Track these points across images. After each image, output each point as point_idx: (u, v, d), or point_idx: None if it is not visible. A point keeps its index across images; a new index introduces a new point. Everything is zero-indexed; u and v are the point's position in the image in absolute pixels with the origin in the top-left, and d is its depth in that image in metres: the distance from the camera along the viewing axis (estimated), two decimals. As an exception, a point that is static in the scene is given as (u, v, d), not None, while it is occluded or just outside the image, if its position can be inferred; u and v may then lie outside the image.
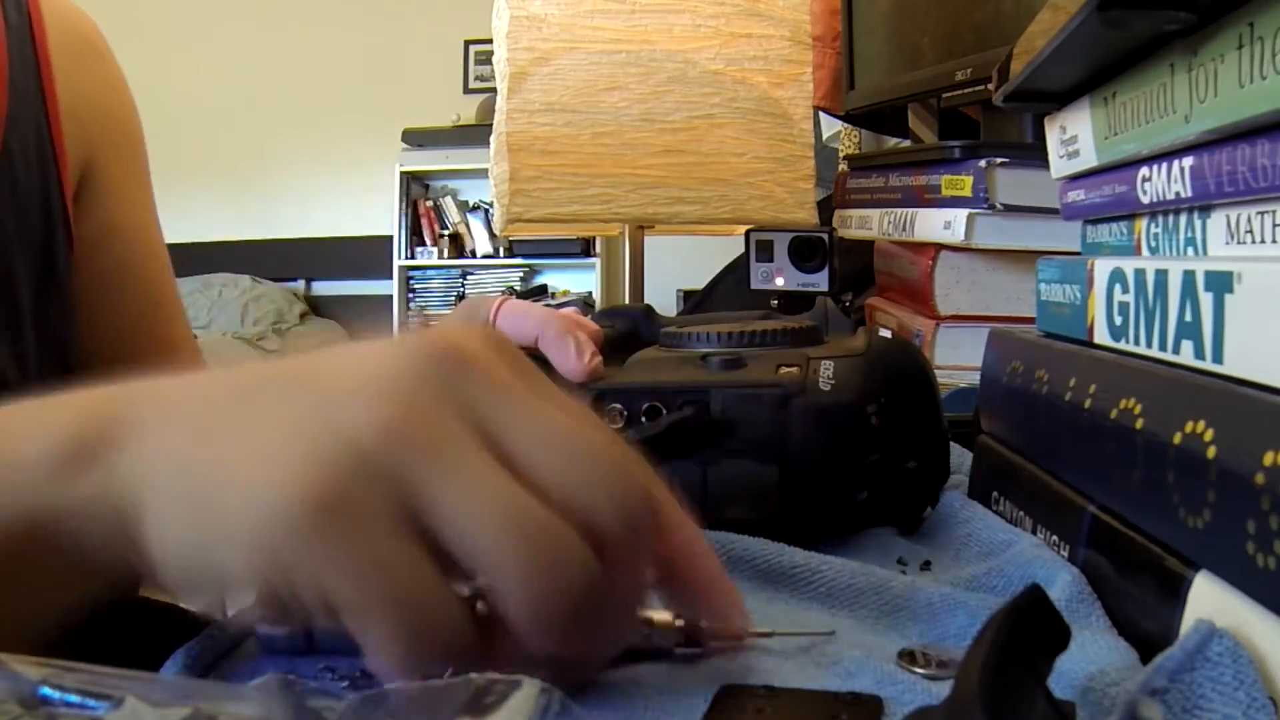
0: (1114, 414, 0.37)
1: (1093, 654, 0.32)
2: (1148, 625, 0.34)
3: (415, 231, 4.41)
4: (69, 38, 0.68)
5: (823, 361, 0.47)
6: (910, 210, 0.94)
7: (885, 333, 0.52)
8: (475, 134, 3.55)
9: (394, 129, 4.22)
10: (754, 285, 1.06)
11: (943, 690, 0.30)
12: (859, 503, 0.47)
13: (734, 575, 0.44)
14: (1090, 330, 0.43)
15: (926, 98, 1.18)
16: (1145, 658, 0.32)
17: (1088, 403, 0.39)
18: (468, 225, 4.41)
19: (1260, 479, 0.27)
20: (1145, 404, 0.35)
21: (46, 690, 0.25)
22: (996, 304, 0.89)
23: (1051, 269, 0.48)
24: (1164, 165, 0.37)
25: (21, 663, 0.25)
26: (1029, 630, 0.26)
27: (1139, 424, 0.35)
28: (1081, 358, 0.42)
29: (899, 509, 0.49)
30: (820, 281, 1.03)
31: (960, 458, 0.59)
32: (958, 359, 0.89)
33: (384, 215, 4.36)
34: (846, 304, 1.32)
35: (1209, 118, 0.33)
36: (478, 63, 4.41)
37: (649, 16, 1.19)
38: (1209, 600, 0.30)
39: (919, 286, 0.93)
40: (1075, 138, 0.46)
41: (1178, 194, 0.36)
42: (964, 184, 0.86)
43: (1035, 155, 0.78)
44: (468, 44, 4.41)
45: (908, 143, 1.33)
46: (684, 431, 0.46)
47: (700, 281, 1.64)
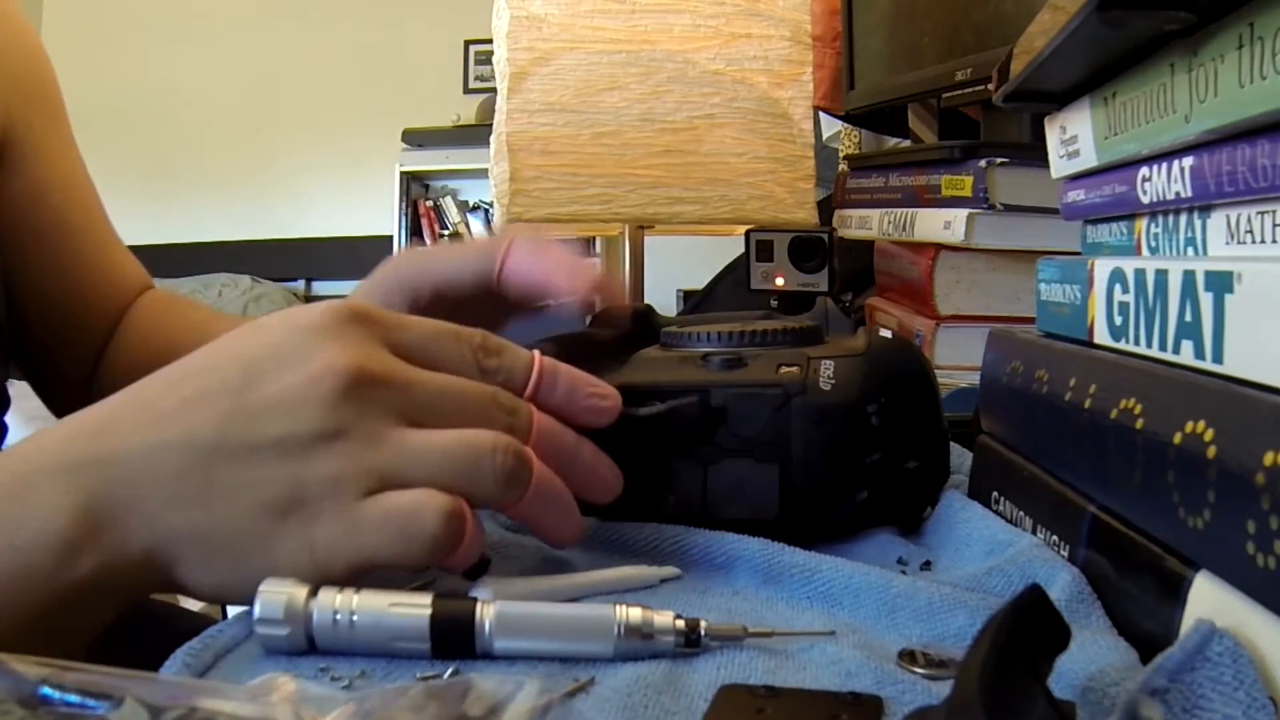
0: (1114, 414, 0.37)
1: (1093, 654, 0.32)
2: (1148, 625, 0.34)
3: (415, 231, 4.41)
4: None
5: (823, 361, 0.47)
6: (910, 210, 0.94)
7: (885, 333, 0.52)
8: (475, 134, 3.56)
9: (394, 129, 4.22)
10: (754, 285, 1.06)
11: (943, 690, 0.30)
12: (859, 503, 0.47)
13: (734, 575, 0.44)
14: (1090, 330, 0.43)
15: (926, 98, 1.18)
16: (1145, 658, 0.32)
17: (1088, 403, 0.39)
18: (468, 225, 4.41)
19: (1260, 479, 0.27)
20: (1145, 404, 0.35)
21: (46, 690, 0.25)
22: (996, 304, 0.89)
23: (1051, 269, 0.48)
24: (1164, 165, 0.37)
25: (21, 663, 0.25)
26: (1029, 630, 0.26)
27: (1139, 424, 0.35)
28: (1081, 358, 0.42)
29: (899, 509, 0.49)
30: (820, 281, 1.03)
31: (960, 458, 0.59)
32: (958, 359, 0.89)
33: (384, 215, 4.36)
34: (846, 304, 1.32)
35: (1209, 118, 0.33)
36: (478, 63, 4.42)
37: (649, 16, 1.19)
38: (1209, 600, 0.30)
39: (919, 286, 0.93)
40: (1075, 138, 0.46)
41: (1178, 194, 0.36)
42: (964, 184, 0.86)
43: (1035, 155, 0.78)
44: (468, 44, 4.42)
45: (908, 143, 1.33)
46: (684, 418, 0.46)
47: (700, 281, 1.63)
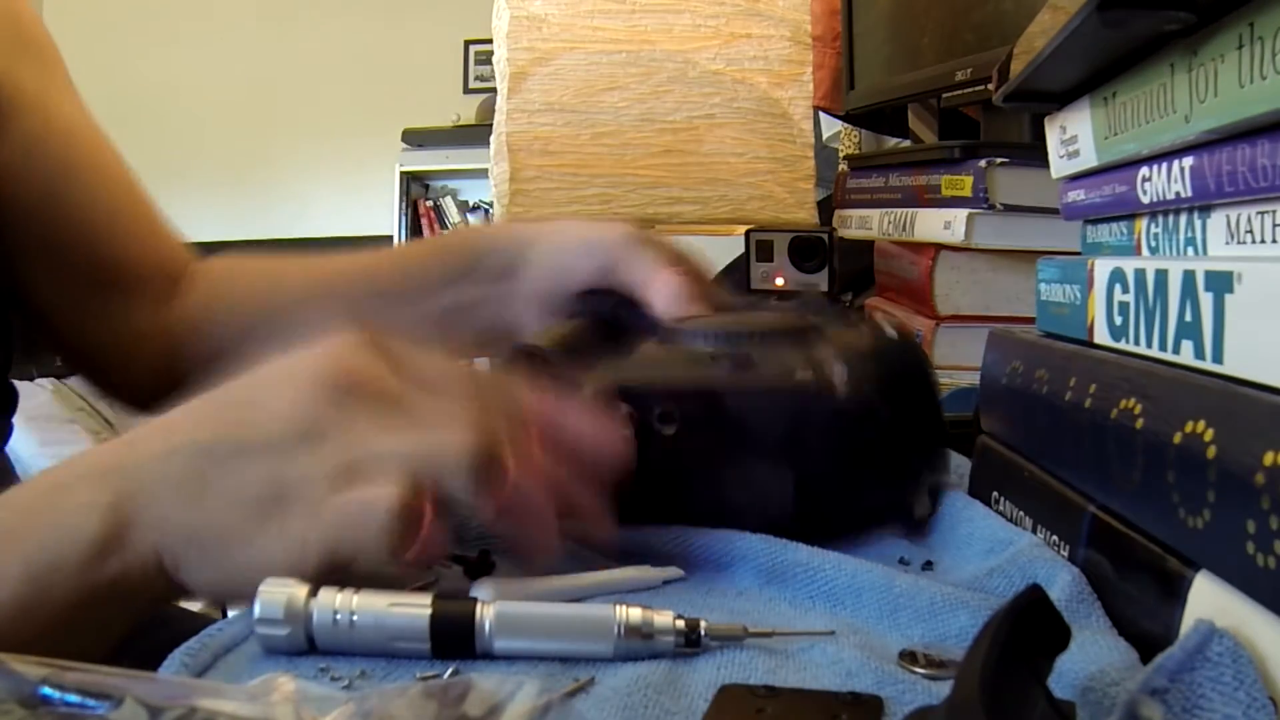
0: (1114, 414, 0.37)
1: (1093, 654, 0.32)
2: (1148, 625, 0.34)
3: (415, 231, 4.40)
4: None
5: (836, 362, 0.47)
6: (910, 210, 0.94)
7: (887, 326, 0.52)
8: (475, 134, 3.55)
9: (394, 129, 4.22)
10: (754, 285, 1.06)
11: (943, 690, 0.30)
12: (872, 504, 0.47)
13: (737, 575, 0.44)
14: (1090, 330, 0.43)
15: (926, 98, 1.17)
16: (1145, 658, 0.32)
17: (1088, 403, 0.39)
18: (468, 225, 4.41)
19: (1260, 479, 0.27)
20: (1145, 404, 0.35)
21: (46, 690, 0.25)
22: (996, 304, 0.89)
23: (1051, 269, 0.48)
24: (1164, 165, 0.37)
25: (21, 663, 0.25)
26: (1029, 630, 0.26)
27: (1139, 424, 0.35)
28: (1081, 358, 0.42)
29: (906, 509, 0.49)
30: (820, 281, 1.03)
31: (958, 461, 0.59)
32: (958, 359, 0.89)
33: (384, 215, 4.36)
34: (846, 304, 1.32)
35: (1209, 118, 0.33)
36: (478, 63, 4.41)
37: (649, 16, 1.19)
38: (1209, 600, 0.30)
39: (919, 286, 0.93)
40: (1075, 138, 0.46)
41: (1178, 194, 0.36)
42: (964, 184, 0.86)
43: (1035, 155, 0.78)
44: (468, 44, 4.41)
45: (908, 143, 1.33)
46: (701, 428, 0.46)
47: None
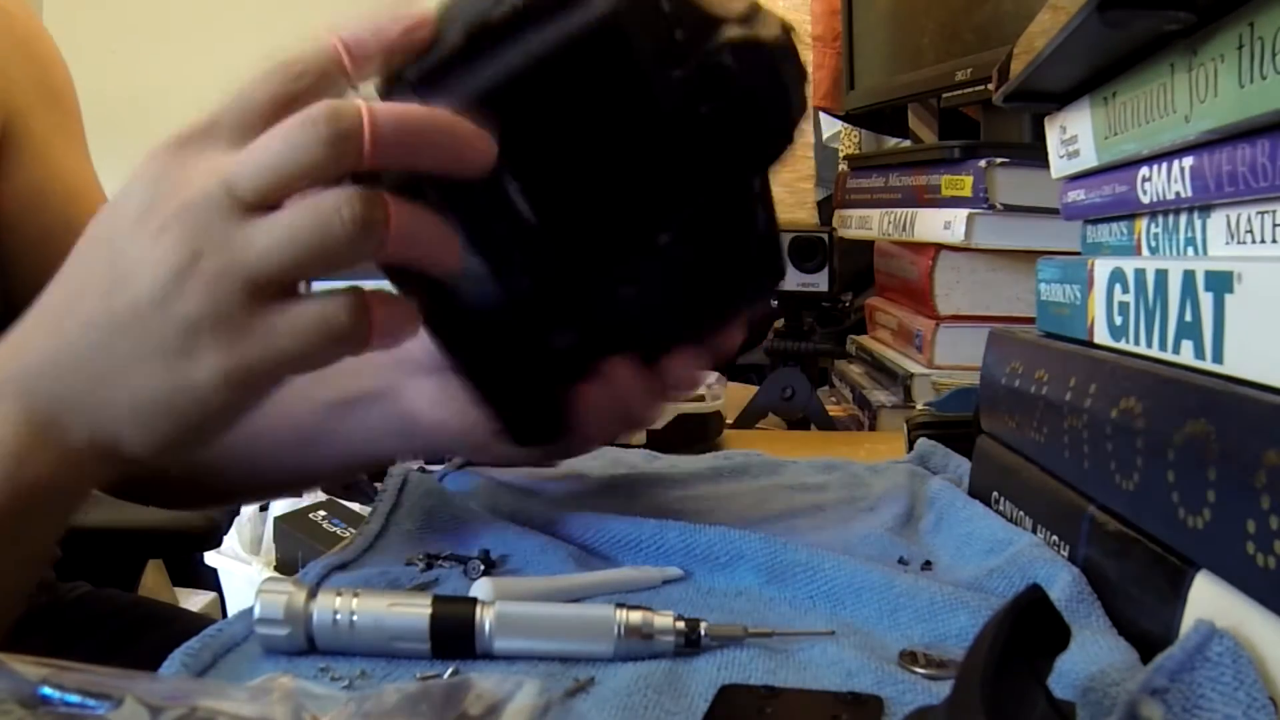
0: (1114, 414, 0.37)
1: (1093, 654, 0.32)
2: (1148, 625, 0.34)
3: (415, 231, 4.40)
4: None
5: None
6: (910, 210, 0.94)
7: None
8: (475, 134, 3.54)
9: (394, 129, 4.22)
10: (754, 285, 1.05)
11: (943, 690, 0.30)
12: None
13: (737, 574, 0.44)
14: (1090, 330, 0.43)
15: (926, 98, 1.17)
16: (1145, 658, 0.32)
17: (1088, 403, 0.39)
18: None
19: (1260, 479, 0.27)
20: (1145, 404, 0.35)
21: (46, 690, 0.25)
22: (996, 304, 0.89)
23: (1051, 269, 0.48)
24: (1164, 165, 0.37)
25: (21, 663, 0.25)
26: (1029, 630, 0.26)
27: (1139, 424, 0.35)
28: (1081, 358, 0.42)
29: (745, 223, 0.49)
30: (820, 281, 1.03)
31: (957, 462, 0.59)
32: (958, 359, 0.89)
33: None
34: (846, 304, 1.32)
35: (1209, 118, 0.33)
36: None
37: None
38: (1209, 600, 0.30)
39: (919, 286, 0.93)
40: (1075, 138, 0.46)
41: (1178, 194, 0.36)
42: (964, 184, 0.86)
43: (1035, 155, 0.78)
44: (468, 44, 4.41)
45: (908, 143, 1.33)
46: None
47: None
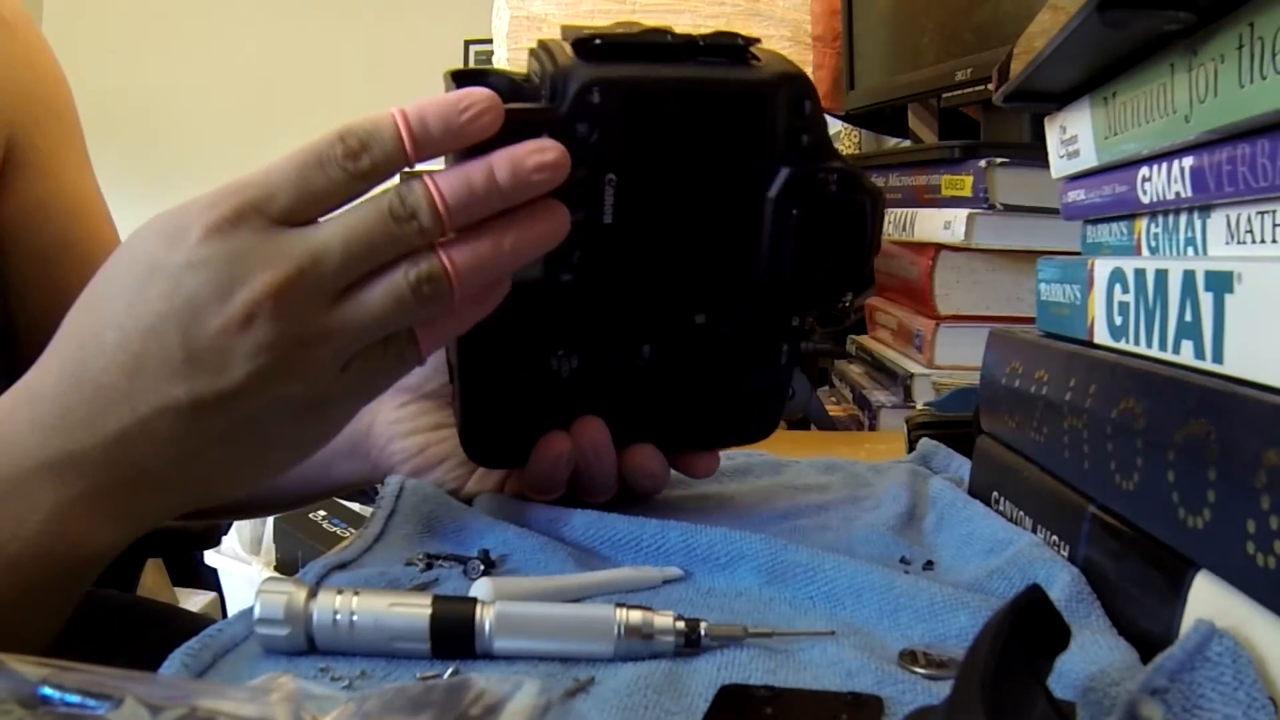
0: (1114, 414, 0.37)
1: (1093, 654, 0.32)
2: (1148, 625, 0.34)
3: (415, 231, 4.40)
4: None
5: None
6: (910, 210, 0.94)
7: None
8: (475, 134, 3.54)
9: (394, 129, 4.22)
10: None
11: (943, 690, 0.30)
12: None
13: (738, 575, 0.44)
14: (1090, 330, 0.43)
15: (926, 98, 1.17)
16: (1145, 658, 0.32)
17: (1088, 403, 0.39)
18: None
19: (1260, 479, 0.27)
20: (1145, 404, 0.35)
21: (46, 690, 0.25)
22: (996, 304, 0.89)
23: (1051, 269, 0.48)
24: (1164, 165, 0.37)
25: (21, 663, 0.25)
26: (1029, 630, 0.26)
27: (1139, 424, 0.35)
28: (1081, 358, 0.42)
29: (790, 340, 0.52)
30: (820, 282, 1.03)
31: (959, 462, 0.59)
32: (958, 359, 0.89)
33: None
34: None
35: (1209, 118, 0.33)
36: (478, 62, 4.42)
37: (649, 16, 1.19)
38: (1209, 600, 0.30)
39: (919, 286, 0.93)
40: (1075, 138, 0.46)
41: (1178, 194, 0.36)
42: (964, 184, 0.86)
43: (1035, 155, 0.78)
44: (468, 44, 4.41)
45: (908, 143, 1.33)
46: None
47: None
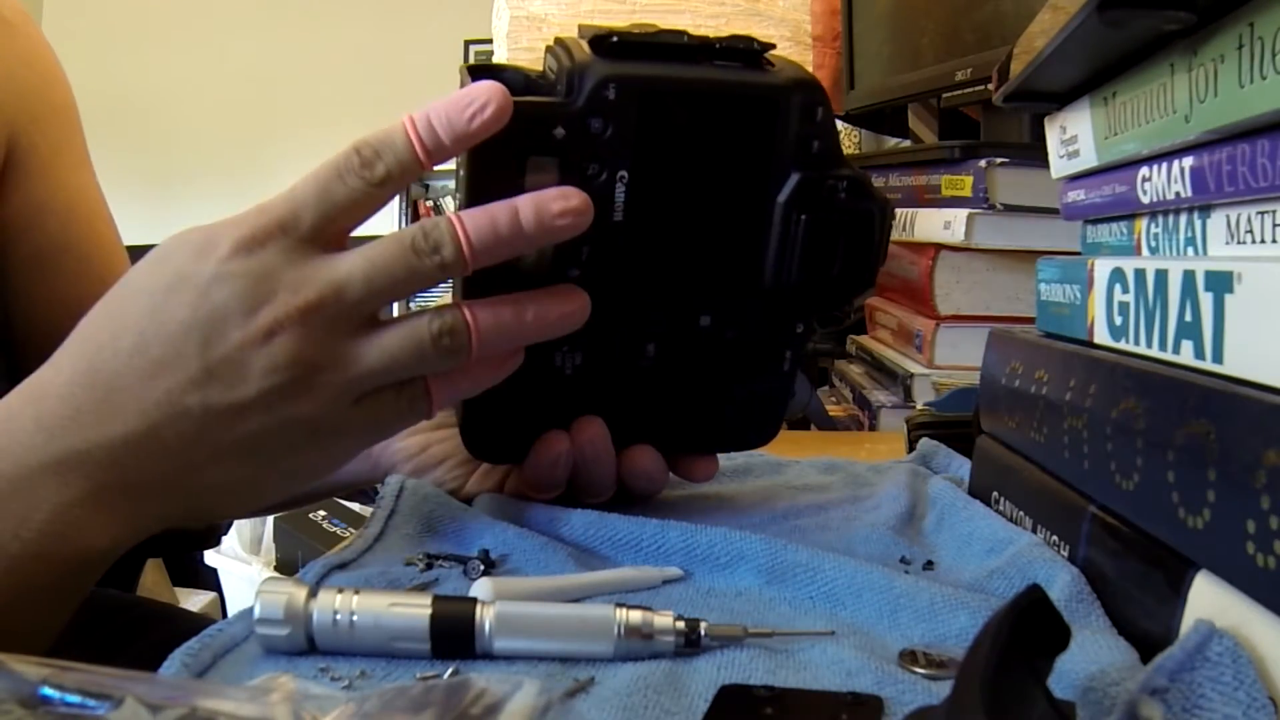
0: (1114, 414, 0.37)
1: (1093, 654, 0.32)
2: (1148, 625, 0.34)
3: (416, 231, 4.40)
4: None
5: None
6: (910, 210, 0.94)
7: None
8: (475, 134, 3.54)
9: (394, 129, 4.22)
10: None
11: (943, 690, 0.30)
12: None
13: (737, 575, 0.44)
14: (1090, 330, 0.43)
15: (926, 98, 1.17)
16: (1145, 658, 0.32)
17: (1088, 403, 0.39)
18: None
19: (1260, 479, 0.27)
20: (1145, 404, 0.35)
21: (46, 690, 0.25)
22: (996, 304, 0.89)
23: (1051, 269, 0.48)
24: (1164, 165, 0.37)
25: (21, 663, 0.25)
26: (1029, 630, 0.26)
27: (1139, 424, 0.35)
28: (1081, 358, 0.42)
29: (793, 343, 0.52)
30: (820, 281, 1.03)
31: (959, 462, 0.59)
32: (958, 359, 0.89)
33: (384, 215, 4.32)
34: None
35: (1209, 118, 0.33)
36: (478, 62, 4.41)
37: (649, 16, 1.19)
38: (1209, 600, 0.30)
39: (919, 286, 0.93)
40: (1075, 138, 0.46)
41: (1178, 194, 0.36)
42: (964, 184, 0.86)
43: (1035, 155, 0.78)
44: (468, 44, 4.41)
45: (908, 143, 1.33)
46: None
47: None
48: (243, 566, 1.90)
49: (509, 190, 0.41)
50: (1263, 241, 0.32)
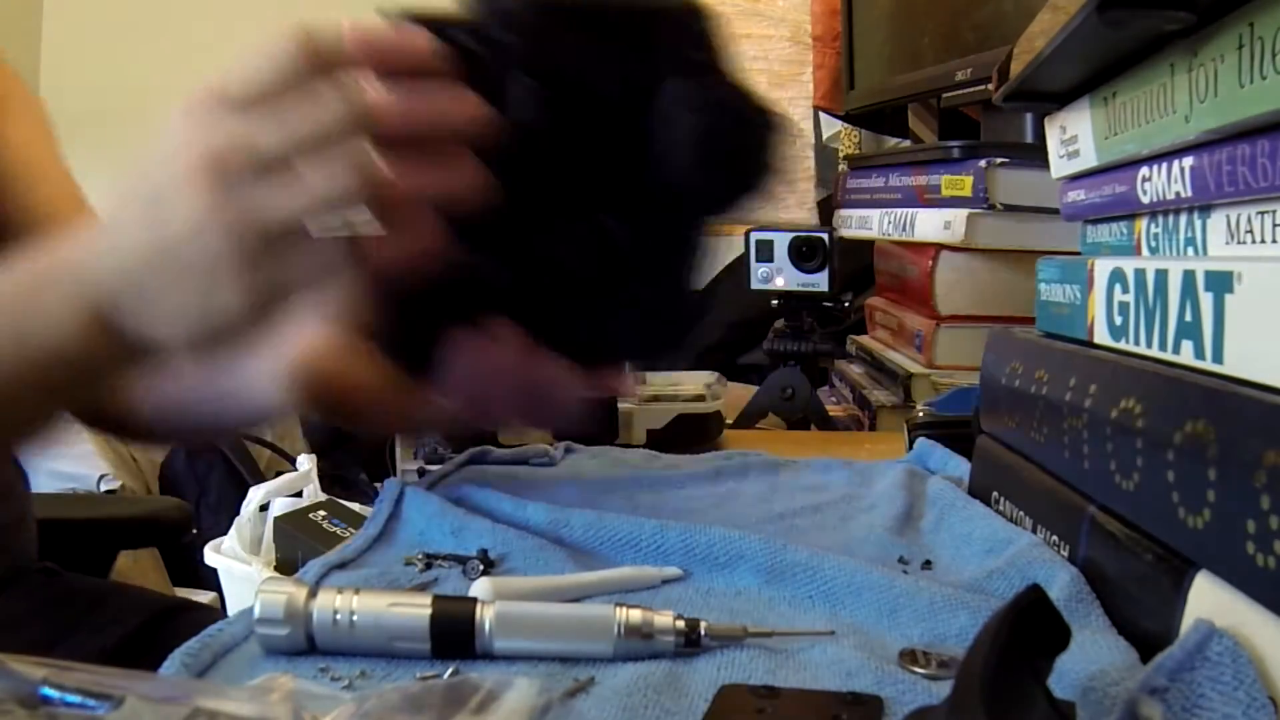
0: (1114, 414, 0.37)
1: (1093, 654, 0.32)
2: (1148, 625, 0.34)
3: (415, 231, 4.40)
4: None
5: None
6: (910, 210, 0.94)
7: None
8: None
9: (394, 129, 4.22)
10: (753, 285, 1.05)
11: (943, 690, 0.30)
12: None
13: (737, 574, 0.44)
14: (1090, 330, 0.43)
15: (926, 98, 1.18)
16: (1145, 658, 0.32)
17: (1088, 403, 0.39)
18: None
19: (1260, 479, 0.27)
20: (1145, 404, 0.35)
21: (46, 690, 0.25)
22: (996, 304, 0.89)
23: (1051, 269, 0.48)
24: (1164, 165, 0.37)
25: (21, 663, 0.25)
26: (1029, 630, 0.26)
27: (1139, 424, 0.35)
28: (1081, 358, 0.42)
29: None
30: (820, 281, 1.03)
31: (958, 462, 0.59)
32: (958, 359, 0.89)
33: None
34: (846, 304, 1.32)
35: (1209, 118, 0.33)
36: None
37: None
38: (1209, 600, 0.30)
39: (919, 286, 0.93)
40: (1075, 138, 0.46)
41: (1178, 194, 0.36)
42: (964, 184, 0.86)
43: (1035, 155, 0.78)
44: (468, 44, 4.42)
45: (908, 143, 1.33)
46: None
47: (700, 281, 1.63)
48: (243, 566, 1.89)
49: None
50: (1263, 241, 0.32)
